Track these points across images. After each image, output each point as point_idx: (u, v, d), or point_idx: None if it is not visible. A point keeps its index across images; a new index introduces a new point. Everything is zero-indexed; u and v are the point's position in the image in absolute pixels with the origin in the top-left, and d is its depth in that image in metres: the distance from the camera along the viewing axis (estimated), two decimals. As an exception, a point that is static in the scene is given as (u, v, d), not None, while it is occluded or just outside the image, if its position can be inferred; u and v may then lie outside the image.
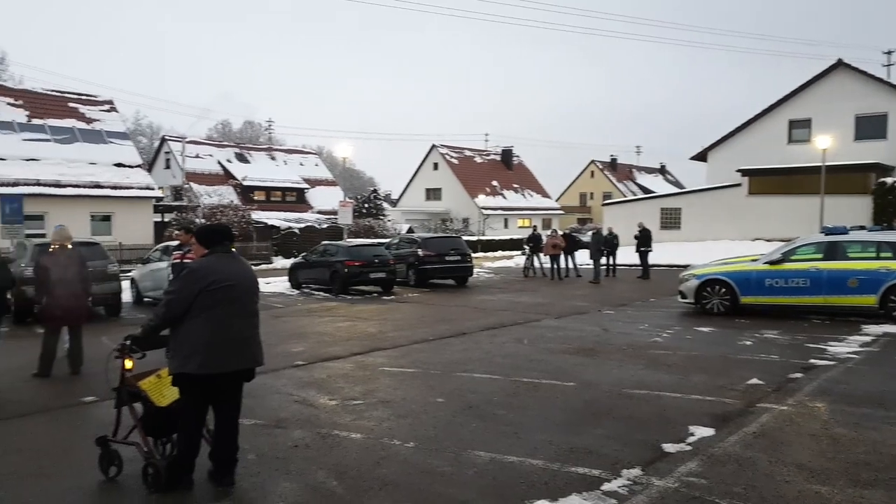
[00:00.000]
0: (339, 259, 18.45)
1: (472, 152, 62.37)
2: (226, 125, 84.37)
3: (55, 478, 4.77)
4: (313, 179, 49.48)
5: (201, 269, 4.42)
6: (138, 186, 31.98)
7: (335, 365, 8.72)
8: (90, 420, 6.14)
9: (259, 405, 6.50)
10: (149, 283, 16.09)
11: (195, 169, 42.62)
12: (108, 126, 34.12)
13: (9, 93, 33.51)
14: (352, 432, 5.69)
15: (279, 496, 4.35)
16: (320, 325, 12.47)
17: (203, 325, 4.29)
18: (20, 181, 27.76)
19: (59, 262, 8.31)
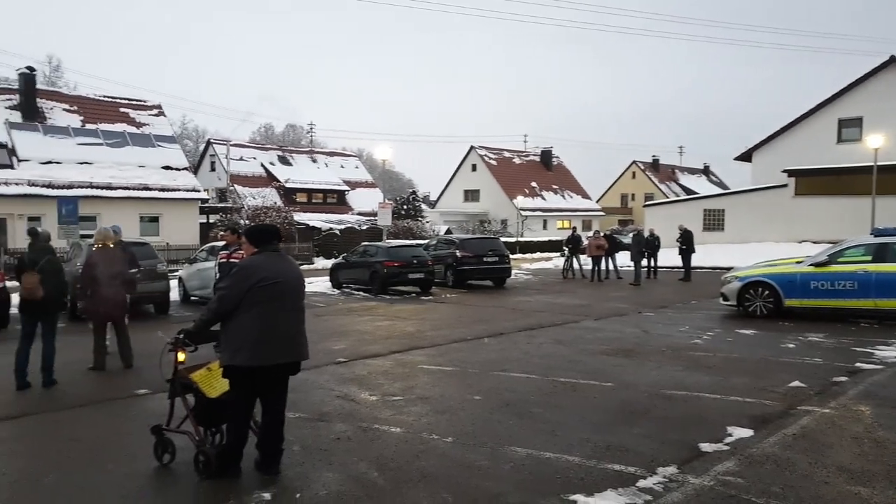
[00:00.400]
0: (379, 260, 18.72)
1: (510, 153, 62.30)
2: (269, 128, 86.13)
3: (112, 464, 5.04)
4: (353, 181, 50.16)
5: (251, 266, 4.62)
6: (185, 188, 32.92)
7: (375, 362, 8.90)
8: (144, 411, 6.44)
9: (303, 400, 6.72)
10: (195, 282, 16.58)
11: (239, 171, 43.65)
12: (157, 130, 35.23)
13: (64, 99, 34.94)
14: (392, 426, 5.85)
15: (322, 485, 4.52)
16: (360, 324, 12.70)
17: (252, 320, 4.49)
18: (75, 184, 28.88)
19: (100, 262, 8.68)
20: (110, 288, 8.57)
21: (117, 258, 8.88)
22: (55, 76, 63.79)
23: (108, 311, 8.63)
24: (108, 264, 8.65)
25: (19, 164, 28.85)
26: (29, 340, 7.73)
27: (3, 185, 27.57)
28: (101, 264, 8.62)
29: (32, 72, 32.87)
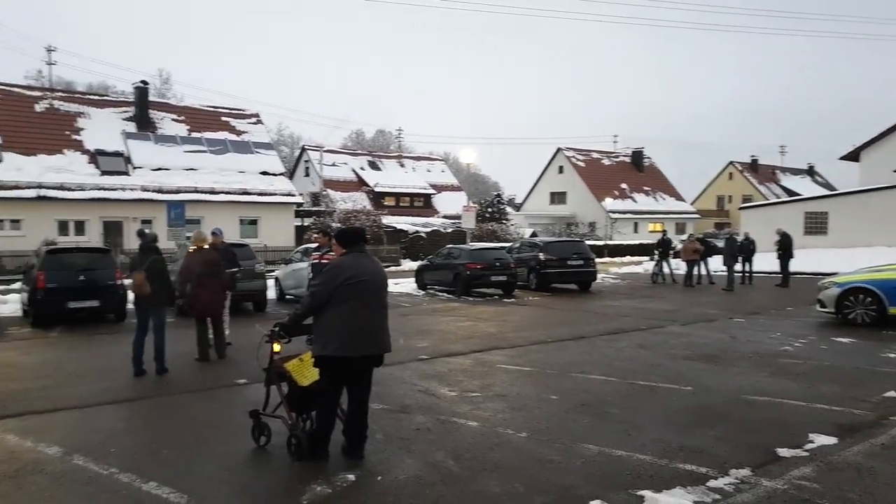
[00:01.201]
0: (462, 262, 19.04)
1: (599, 154, 61.26)
2: (360, 134, 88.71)
3: (214, 444, 5.56)
4: (439, 185, 50.93)
5: (340, 266, 5.02)
6: (281, 193, 34.60)
7: (456, 360, 9.19)
8: (243, 398, 7.01)
9: (387, 392, 7.10)
10: (290, 281, 17.51)
11: (331, 176, 45.35)
12: (255, 137, 37.23)
13: (173, 110, 37.57)
14: (469, 420, 6.11)
15: (402, 470, 4.84)
16: (443, 324, 13.05)
17: (341, 315, 4.88)
18: (182, 189, 30.99)
19: (196, 262, 9.41)
20: (206, 286, 9.29)
21: (213, 258, 9.60)
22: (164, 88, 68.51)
23: (204, 307, 9.37)
24: (203, 264, 9.39)
25: (134, 171, 31.28)
26: (143, 332, 8.54)
27: (120, 191, 29.98)
28: (196, 264, 9.36)
29: (146, 85, 35.57)
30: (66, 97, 34.68)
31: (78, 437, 5.72)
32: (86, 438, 5.67)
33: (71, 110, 32.83)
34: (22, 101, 31.96)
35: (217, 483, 4.62)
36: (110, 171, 30.53)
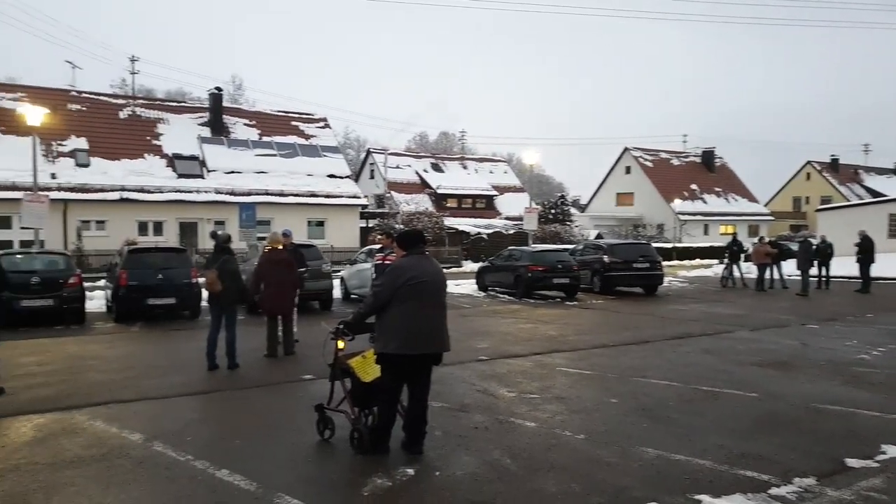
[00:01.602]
0: (523, 264, 19.00)
1: (668, 154, 59.74)
2: (423, 137, 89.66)
3: (281, 435, 5.83)
4: (502, 186, 50.89)
5: (402, 267, 5.21)
6: (347, 195, 35.41)
7: (515, 362, 9.24)
8: (309, 393, 7.28)
9: (446, 391, 7.23)
10: (355, 281, 17.94)
11: (395, 179, 46.03)
12: (323, 141, 38.22)
13: (245, 115, 39.00)
14: (527, 421, 6.16)
15: (459, 466, 4.95)
16: (503, 326, 13.09)
17: (402, 314, 5.06)
18: (253, 191, 32.16)
19: (269, 262, 9.83)
20: (279, 285, 9.69)
21: (286, 259, 10.00)
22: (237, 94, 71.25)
23: (275, 305, 9.76)
24: (276, 264, 9.80)
25: (208, 174, 32.67)
26: (216, 329, 8.97)
27: (195, 193, 31.38)
28: (270, 264, 9.78)
29: (220, 92, 37.10)
30: (147, 104, 36.55)
31: (158, 425, 6.11)
32: (165, 427, 6.04)
33: (151, 117, 34.59)
34: (107, 109, 33.89)
35: (284, 472, 4.85)
36: (186, 175, 32.00)
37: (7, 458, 5.22)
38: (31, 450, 5.42)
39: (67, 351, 10.43)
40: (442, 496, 4.39)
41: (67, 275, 13.82)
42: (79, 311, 13.87)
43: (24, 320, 12.84)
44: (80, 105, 33.06)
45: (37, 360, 9.56)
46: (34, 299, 13.10)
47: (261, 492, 4.45)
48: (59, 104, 30.74)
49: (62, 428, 6.05)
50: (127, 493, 4.45)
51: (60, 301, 13.42)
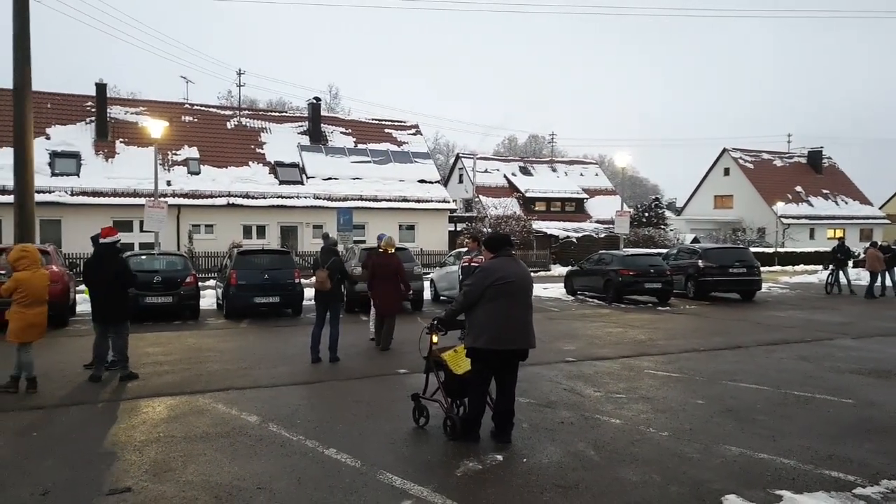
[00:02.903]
0: (614, 268, 18.89)
1: (770, 155, 56.97)
2: (512, 140, 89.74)
3: (380, 422, 6.32)
4: (592, 189, 50.29)
5: (490, 268, 5.63)
6: (436, 200, 36.22)
7: (602, 364, 9.40)
8: (404, 385, 7.81)
9: (533, 388, 7.54)
10: (444, 283, 18.48)
11: (483, 183, 46.51)
12: (414, 147, 39.25)
13: (341, 123, 40.67)
14: (612, 418, 6.38)
15: (545, 455, 5.26)
16: (591, 329, 13.19)
17: (490, 312, 5.45)
18: (348, 196, 33.54)
19: (381, 264, 10.52)
20: (387, 286, 10.38)
21: (396, 261, 10.70)
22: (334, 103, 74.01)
23: (384, 304, 10.44)
24: (386, 267, 10.51)
25: (307, 181, 34.34)
26: (320, 324, 9.69)
27: (296, 199, 33.07)
28: (380, 266, 10.51)
29: (318, 101, 38.86)
30: (252, 115, 38.84)
31: (271, 409, 6.77)
32: (277, 411, 6.69)
33: (255, 126, 36.75)
34: (216, 120, 36.31)
35: (384, 453, 5.33)
36: (287, 181, 33.78)
37: (149, 431, 6.01)
38: (167, 426, 6.20)
39: (186, 343, 11.50)
40: (528, 479, 4.72)
41: (185, 275, 15.13)
42: (194, 307, 15.14)
43: (147, 315, 14.18)
44: (192, 117, 35.61)
45: (161, 350, 10.63)
46: (156, 296, 14.45)
47: (364, 468, 4.94)
48: (174, 116, 33.23)
49: (190, 409, 6.84)
50: (251, 465, 5.07)
51: (179, 299, 14.72)
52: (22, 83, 17.70)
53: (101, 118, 32.04)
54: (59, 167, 29.33)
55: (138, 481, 4.71)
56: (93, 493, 4.50)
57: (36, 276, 7.68)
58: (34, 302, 7.62)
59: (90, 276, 8.59)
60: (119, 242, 8.85)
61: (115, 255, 8.66)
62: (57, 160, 29.52)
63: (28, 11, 17.58)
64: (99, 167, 30.44)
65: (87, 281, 8.66)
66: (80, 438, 5.82)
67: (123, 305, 8.51)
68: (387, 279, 10.55)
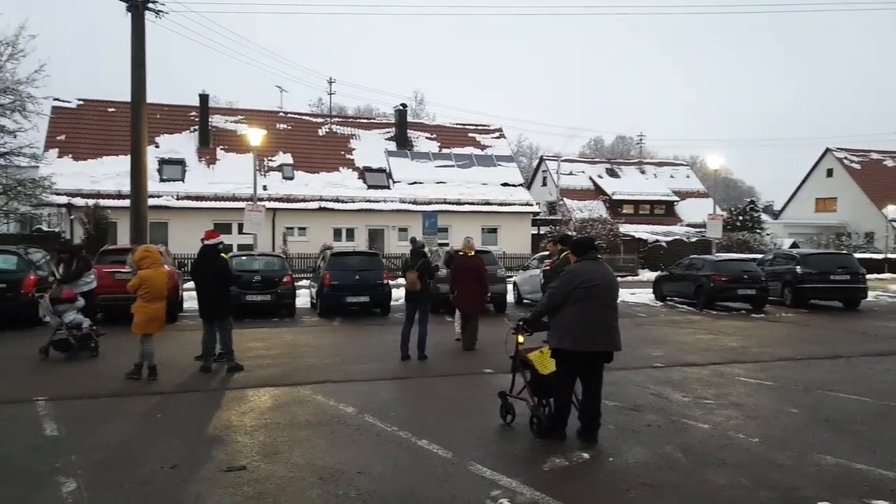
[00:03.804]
0: (705, 273, 18.38)
1: (879, 155, 53.29)
2: (598, 142, 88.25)
3: (468, 418, 6.58)
4: (683, 191, 48.77)
5: (575, 271, 5.80)
6: (519, 203, 36.26)
7: (691, 370, 9.27)
8: (489, 384, 8.03)
9: (619, 392, 7.58)
10: (527, 286, 18.58)
11: (568, 185, 46.06)
12: (497, 151, 39.46)
13: (426, 128, 41.43)
14: (699, 423, 6.35)
15: (631, 455, 5.36)
16: (681, 336, 12.95)
17: (574, 314, 5.62)
18: (432, 200, 34.13)
19: (462, 266, 10.81)
20: (469, 287, 10.66)
21: (477, 264, 10.96)
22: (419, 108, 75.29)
23: (465, 304, 10.72)
24: (467, 269, 10.80)
25: (393, 185, 35.25)
26: (409, 323, 10.07)
27: (383, 203, 34.02)
28: (462, 268, 10.81)
29: (404, 108, 39.80)
30: (342, 122, 40.26)
31: (365, 401, 7.17)
32: (371, 403, 7.08)
33: (345, 133, 38.07)
34: (309, 127, 37.89)
35: (472, 446, 5.58)
36: (375, 186, 34.81)
37: (257, 418, 6.53)
38: (273, 413, 6.71)
39: (284, 339, 12.20)
40: (615, 477, 4.84)
41: (282, 275, 16.00)
42: (291, 306, 15.98)
43: (247, 312, 15.09)
44: (286, 124, 37.31)
45: (262, 345, 11.34)
46: (256, 295, 15.36)
47: (455, 459, 5.21)
48: (269, 124, 34.90)
49: (292, 399, 7.34)
50: (350, 450, 5.45)
51: (277, 297, 15.58)
52: (138, 98, 19.30)
53: (203, 127, 34.15)
54: (166, 173, 31.48)
55: (251, 461, 5.18)
56: (213, 469, 4.99)
57: (157, 273, 8.46)
58: (155, 297, 8.39)
59: (196, 276, 9.36)
60: (221, 244, 9.58)
61: (218, 255, 9.37)
62: (165, 167, 31.69)
63: (144, 36, 19.14)
64: (201, 173, 32.44)
65: (194, 279, 9.42)
66: (198, 422, 6.41)
67: (226, 302, 9.18)
68: (468, 280, 10.81)
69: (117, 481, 4.75)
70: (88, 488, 4.61)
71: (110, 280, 13.27)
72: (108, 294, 12.72)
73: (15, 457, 5.29)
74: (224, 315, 9.12)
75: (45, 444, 5.67)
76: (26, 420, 6.41)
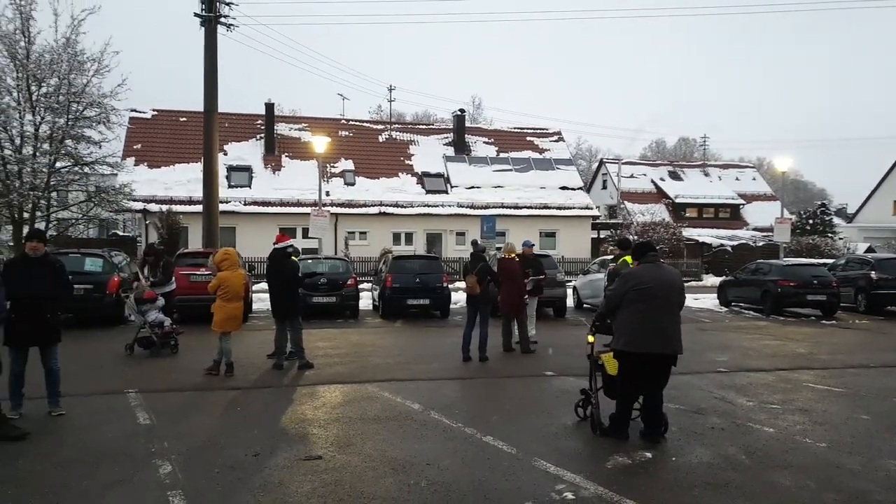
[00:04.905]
0: (772, 279, 17.92)
1: (962, 155, 50.44)
2: (660, 144, 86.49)
3: (532, 416, 6.74)
4: (749, 194, 47.39)
5: (631, 274, 6.01)
6: (579, 206, 36.01)
7: (757, 375, 9.15)
8: (552, 386, 8.22)
9: (683, 395, 7.60)
10: (587, 291, 18.52)
11: (629, 188, 45.42)
12: (556, 154, 39.30)
13: (484, 133, 41.66)
14: (765, 427, 6.33)
15: (694, 456, 5.42)
16: (746, 341, 12.72)
17: (630, 316, 5.77)
18: (490, 204, 34.29)
19: (503, 268, 10.96)
20: (506, 289, 10.78)
21: (517, 266, 11.06)
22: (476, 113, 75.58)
23: (506, 305, 10.85)
24: (506, 270, 10.94)
25: (451, 190, 35.60)
26: (470, 326, 10.30)
27: (440, 207, 34.41)
28: (503, 270, 10.96)
29: (462, 113, 40.15)
30: (401, 128, 40.93)
31: (431, 399, 7.43)
32: (436, 401, 7.34)
33: (404, 139, 38.70)
34: (369, 134, 38.70)
35: (536, 443, 5.75)
36: (433, 191, 35.25)
37: (329, 412, 6.88)
38: (343, 408, 7.05)
39: (350, 339, 12.62)
40: (678, 475, 4.93)
41: (346, 277, 16.51)
42: (354, 307, 16.46)
43: (313, 313, 15.63)
44: (347, 131, 38.21)
45: (329, 344, 11.78)
46: (322, 296, 15.89)
47: (520, 455, 5.40)
48: (331, 132, 35.81)
49: (361, 395, 7.67)
50: (420, 444, 5.72)
51: (341, 299, 16.09)
52: (210, 108, 20.26)
53: (269, 135, 35.36)
54: (234, 180, 32.75)
55: (326, 451, 5.51)
56: (292, 458, 5.33)
57: (235, 275, 8.98)
58: (233, 297, 8.91)
59: (268, 277, 9.84)
60: (291, 247, 10.06)
61: (288, 258, 9.82)
62: (233, 173, 32.97)
63: (216, 48, 20.10)
64: (267, 179, 33.60)
65: (267, 281, 9.91)
66: (274, 414, 6.81)
67: (295, 303, 9.62)
68: (509, 282, 10.91)
69: (207, 466, 5.15)
70: (182, 471, 5.01)
71: (186, 282, 14.02)
72: (184, 295, 13.43)
73: (115, 442, 5.78)
74: (293, 315, 9.56)
75: (140, 431, 6.16)
76: (121, 409, 6.94)
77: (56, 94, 19.12)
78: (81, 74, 19.41)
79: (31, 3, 18.66)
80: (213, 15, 19.77)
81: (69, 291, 7.44)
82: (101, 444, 5.69)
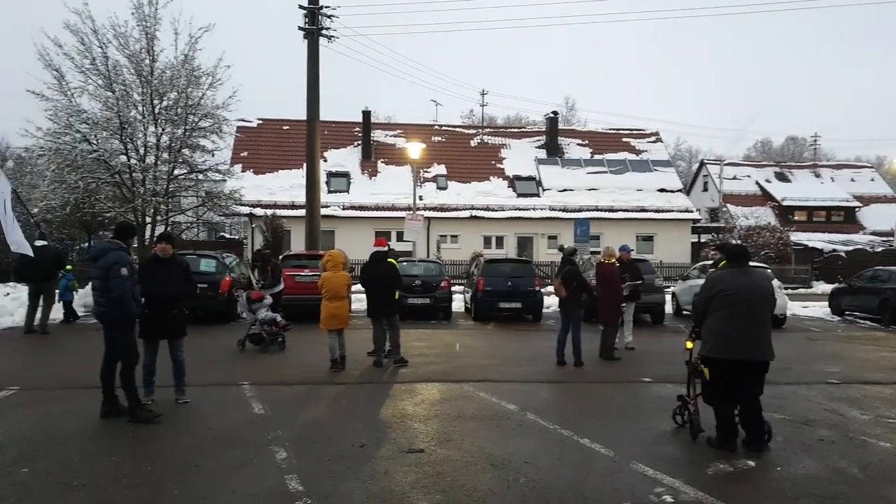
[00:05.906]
0: (893, 286, 16.73)
1: None
2: (766, 144, 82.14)
3: (629, 421, 6.71)
4: (866, 196, 44.20)
5: (715, 279, 5.95)
6: (678, 209, 34.86)
7: (873, 388, 8.65)
8: (649, 392, 8.13)
9: (789, 405, 7.33)
10: (686, 297, 17.92)
11: (732, 190, 43.44)
12: (654, 155, 38.23)
13: (577, 135, 41.15)
14: (880, 441, 6.02)
15: (801, 467, 5.26)
16: (861, 352, 11.99)
17: (714, 322, 5.73)
18: (584, 207, 33.83)
19: (599, 273, 10.85)
20: (602, 295, 10.68)
21: (613, 271, 10.93)
22: (570, 115, 74.62)
23: (602, 312, 10.72)
24: (601, 275, 10.84)
25: (543, 193, 35.41)
26: (564, 330, 10.31)
27: (532, 210, 34.32)
28: (599, 275, 10.87)
29: (555, 115, 39.86)
30: (492, 132, 41.14)
31: (526, 400, 7.54)
32: (531, 402, 7.44)
33: (495, 143, 38.88)
34: (461, 139, 39.17)
35: (634, 447, 5.74)
36: (524, 194, 35.20)
37: (428, 409, 7.15)
38: (442, 406, 7.30)
39: (443, 340, 12.92)
40: (782, 485, 4.80)
41: (440, 279, 16.86)
42: (447, 309, 16.78)
43: (408, 314, 16.06)
44: (440, 137, 38.84)
45: (424, 344, 12.11)
46: (416, 298, 16.32)
47: (618, 458, 5.42)
48: (425, 137, 36.47)
49: (457, 394, 7.90)
50: (517, 443, 5.86)
51: (435, 301, 16.45)
52: (312, 116, 21.27)
53: (366, 141, 36.55)
54: (333, 185, 34.06)
55: (428, 445, 5.75)
56: (395, 450, 5.62)
57: (336, 275, 9.44)
58: (334, 296, 9.37)
59: (365, 278, 10.25)
60: (390, 250, 10.45)
61: (384, 260, 10.20)
62: (332, 179, 34.30)
63: (318, 59, 21.09)
64: (364, 184, 34.73)
65: (364, 282, 10.32)
66: (377, 409, 7.14)
67: (389, 302, 9.97)
68: (605, 288, 10.77)
69: (318, 454, 5.52)
70: (296, 458, 5.40)
71: (291, 282, 14.80)
72: (289, 295, 14.17)
73: (235, 429, 6.28)
74: (388, 314, 9.92)
75: (256, 419, 6.66)
76: (238, 400, 7.50)
77: (175, 106, 20.72)
78: (197, 88, 20.93)
79: (155, 24, 20.32)
80: (315, 27, 20.76)
81: (195, 290, 8.14)
82: (222, 431, 6.20)
